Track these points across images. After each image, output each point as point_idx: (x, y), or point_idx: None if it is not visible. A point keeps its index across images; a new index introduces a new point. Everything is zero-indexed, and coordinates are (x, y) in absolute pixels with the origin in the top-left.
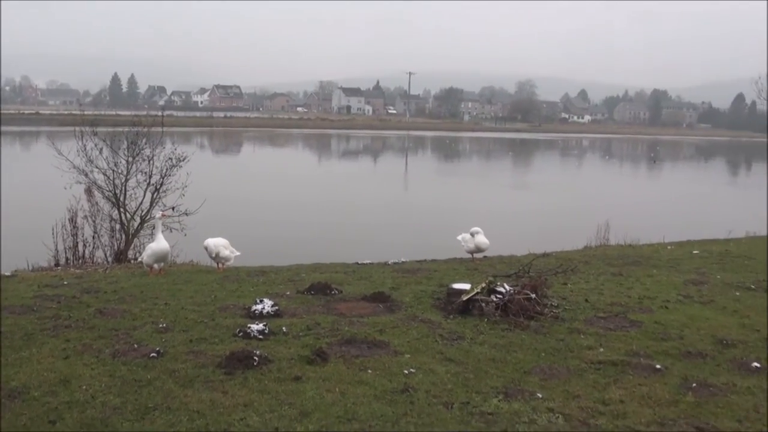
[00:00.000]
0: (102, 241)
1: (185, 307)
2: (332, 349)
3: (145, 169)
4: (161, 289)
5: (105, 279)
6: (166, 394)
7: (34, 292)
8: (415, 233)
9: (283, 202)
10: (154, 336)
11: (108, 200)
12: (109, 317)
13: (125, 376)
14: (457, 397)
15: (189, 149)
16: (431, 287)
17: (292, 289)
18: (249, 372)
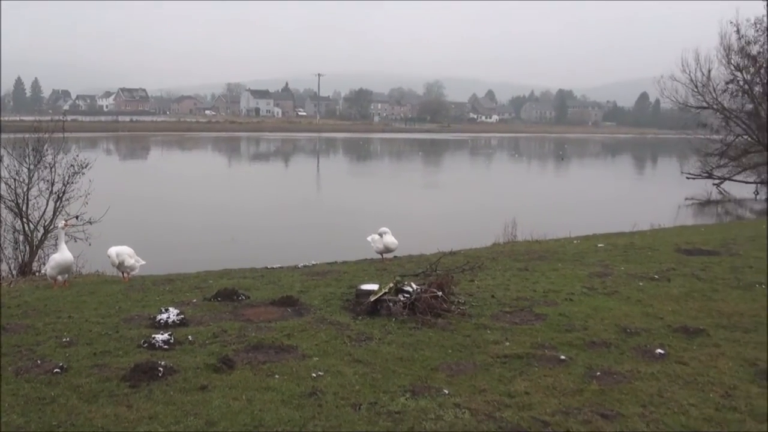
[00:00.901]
0: (5, 254)
1: (89, 320)
2: (239, 356)
3: (48, 177)
4: (65, 302)
5: (8, 293)
6: (70, 410)
7: None
8: (326, 235)
9: (192, 206)
10: (58, 351)
11: (10, 210)
12: (11, 333)
13: (29, 394)
14: (365, 398)
15: (94, 155)
16: (341, 289)
17: (198, 296)
18: (154, 384)
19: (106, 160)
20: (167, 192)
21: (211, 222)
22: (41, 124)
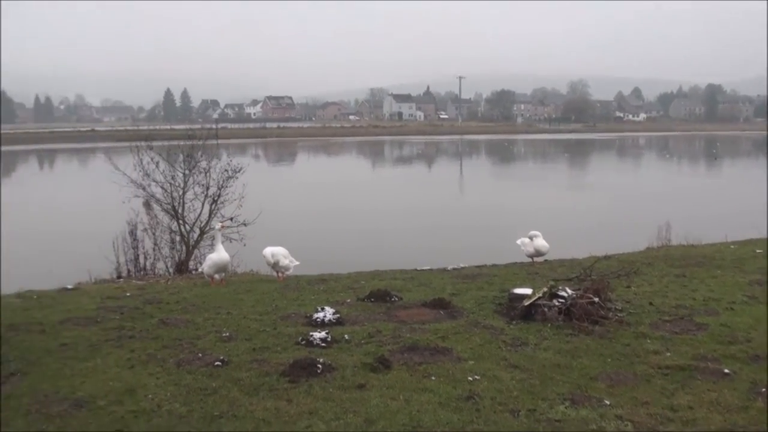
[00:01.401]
0: (162, 253)
1: (247, 317)
2: (395, 356)
3: (202, 181)
4: (223, 299)
5: (167, 290)
6: (231, 402)
7: (97, 304)
8: (473, 238)
9: (340, 209)
10: (218, 345)
11: (167, 213)
12: (172, 327)
13: (190, 385)
14: (524, 404)
15: (244, 160)
16: (492, 293)
17: (352, 296)
18: (313, 380)
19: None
20: (314, 194)
21: (359, 224)
22: (195, 132)
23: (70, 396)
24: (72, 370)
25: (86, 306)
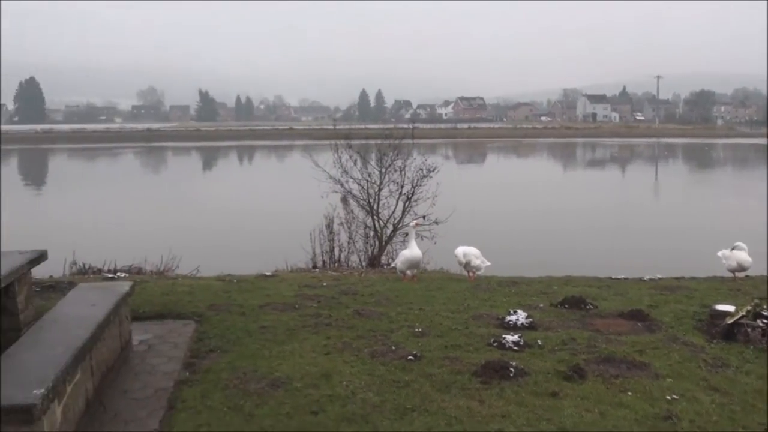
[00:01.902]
0: (356, 247)
1: (439, 314)
2: (589, 366)
3: (397, 180)
4: (415, 295)
5: (361, 282)
6: (423, 396)
7: (294, 292)
8: (670, 247)
9: (530, 210)
10: (411, 339)
11: (362, 208)
12: (366, 318)
13: (384, 376)
14: (723, 430)
15: (435, 160)
16: (692, 307)
17: (545, 301)
18: (505, 383)
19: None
20: (504, 195)
21: (549, 225)
22: (392, 131)
23: (268, 375)
24: (270, 352)
25: (284, 292)
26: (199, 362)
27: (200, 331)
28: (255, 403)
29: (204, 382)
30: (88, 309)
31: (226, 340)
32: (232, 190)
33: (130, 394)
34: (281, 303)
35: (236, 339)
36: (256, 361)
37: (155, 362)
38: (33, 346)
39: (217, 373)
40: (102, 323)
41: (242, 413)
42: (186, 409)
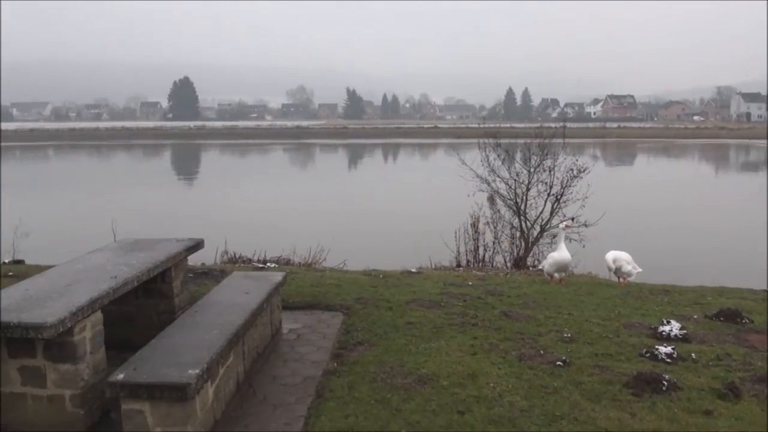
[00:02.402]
0: (502, 247)
1: (589, 320)
2: (744, 385)
3: (546, 180)
4: (563, 299)
5: (507, 283)
6: (572, 405)
7: (440, 289)
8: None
9: (680, 215)
10: (559, 345)
11: (509, 208)
12: (513, 320)
13: (531, 380)
14: None
15: (583, 160)
16: None
17: (698, 312)
18: (657, 396)
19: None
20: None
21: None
22: (542, 130)
23: (415, 372)
24: (417, 348)
25: (430, 290)
26: (347, 354)
27: (348, 324)
28: (402, 397)
29: (351, 373)
30: (242, 296)
31: (373, 334)
32: (376, 187)
33: (279, 380)
34: (427, 300)
35: (383, 333)
36: (402, 357)
37: (304, 351)
38: (188, 328)
39: (364, 365)
40: (255, 310)
41: (389, 407)
42: (334, 399)
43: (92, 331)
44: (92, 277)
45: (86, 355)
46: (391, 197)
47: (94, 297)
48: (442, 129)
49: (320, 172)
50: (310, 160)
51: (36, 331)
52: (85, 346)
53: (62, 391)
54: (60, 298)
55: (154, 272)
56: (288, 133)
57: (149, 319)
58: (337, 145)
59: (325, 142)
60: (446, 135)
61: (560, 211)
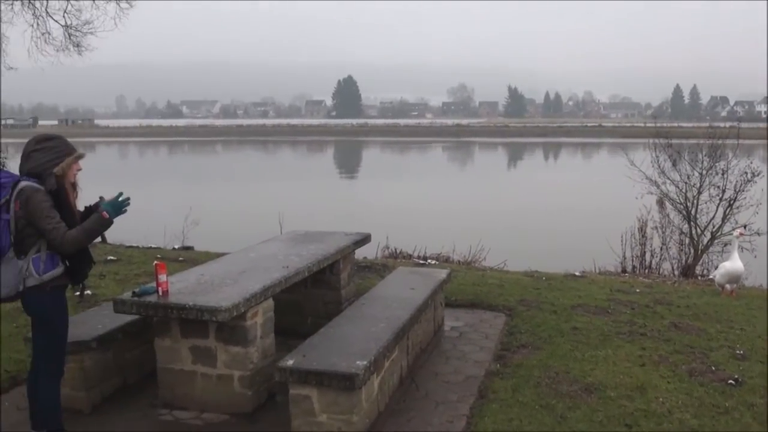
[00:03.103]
0: (669, 254)
1: (761, 336)
2: None
3: (718, 183)
4: (735, 312)
5: (675, 292)
6: (744, 427)
7: (606, 295)
8: None
9: None
10: (731, 362)
11: (679, 213)
12: (683, 332)
13: (702, 398)
14: None
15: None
16: None
17: None
18: None
19: None
20: None
21: None
22: (715, 131)
23: (581, 379)
24: (582, 355)
25: (596, 295)
26: (510, 356)
27: (511, 325)
28: (567, 405)
29: (515, 376)
30: (407, 291)
31: (537, 337)
32: (536, 186)
33: (441, 377)
34: (593, 306)
35: (548, 337)
36: (568, 363)
37: (466, 350)
38: (356, 320)
39: (528, 369)
40: (421, 306)
41: (554, 414)
42: (497, 401)
43: (263, 317)
44: (265, 265)
45: (256, 339)
46: (552, 197)
47: (266, 285)
48: (606, 128)
49: (479, 170)
50: (469, 158)
51: (211, 314)
52: (256, 330)
53: (231, 371)
54: (234, 284)
55: (324, 264)
56: (448, 131)
57: (316, 308)
58: (496, 143)
59: (484, 141)
60: (611, 134)
61: (732, 217)
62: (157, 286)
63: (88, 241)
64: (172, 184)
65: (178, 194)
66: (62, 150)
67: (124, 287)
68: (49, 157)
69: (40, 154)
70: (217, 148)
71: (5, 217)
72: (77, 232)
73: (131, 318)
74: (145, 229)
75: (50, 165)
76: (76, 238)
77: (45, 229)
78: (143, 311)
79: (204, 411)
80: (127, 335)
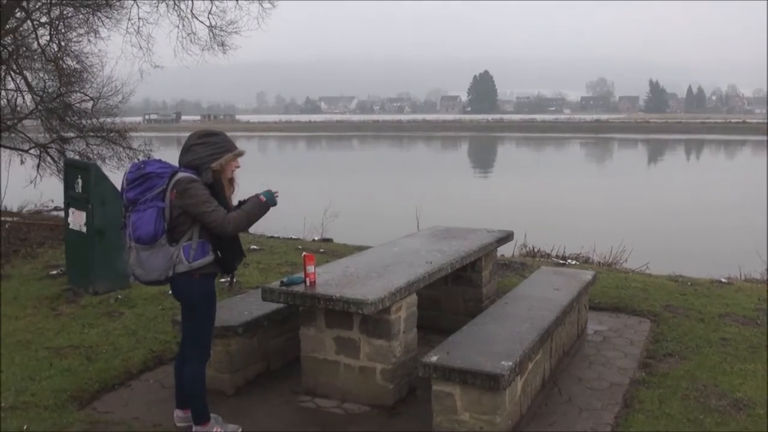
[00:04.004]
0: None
1: None
2: None
3: None
4: None
5: None
6: None
7: (754, 305)
8: None
9: None
10: None
11: None
12: None
13: None
14: None
15: None
16: None
17: None
18: None
19: None
20: None
21: None
22: None
23: (730, 394)
24: (731, 368)
25: (744, 304)
26: (656, 364)
27: (656, 332)
28: (716, 421)
29: (661, 386)
30: (551, 292)
31: (684, 346)
32: (677, 186)
33: (584, 382)
34: (741, 315)
35: (695, 347)
36: (716, 376)
37: (610, 355)
38: (500, 319)
39: (675, 379)
40: (566, 308)
41: (702, 429)
42: (643, 411)
43: (407, 311)
44: (408, 260)
45: (400, 333)
46: (693, 197)
47: (411, 280)
48: (750, 124)
49: (618, 168)
50: (607, 155)
51: (357, 307)
52: (400, 325)
53: (374, 364)
54: (379, 278)
55: (467, 261)
56: (586, 126)
57: (456, 305)
58: (636, 140)
59: (624, 137)
60: (755, 131)
61: None
62: (305, 276)
63: (247, 224)
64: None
65: (316, 187)
66: (222, 146)
67: (266, 276)
68: (208, 152)
69: (201, 148)
70: (353, 143)
71: (160, 205)
72: (237, 213)
73: (277, 306)
74: (285, 220)
75: (209, 159)
76: (237, 219)
77: (205, 212)
78: (290, 300)
79: (345, 401)
80: (272, 323)
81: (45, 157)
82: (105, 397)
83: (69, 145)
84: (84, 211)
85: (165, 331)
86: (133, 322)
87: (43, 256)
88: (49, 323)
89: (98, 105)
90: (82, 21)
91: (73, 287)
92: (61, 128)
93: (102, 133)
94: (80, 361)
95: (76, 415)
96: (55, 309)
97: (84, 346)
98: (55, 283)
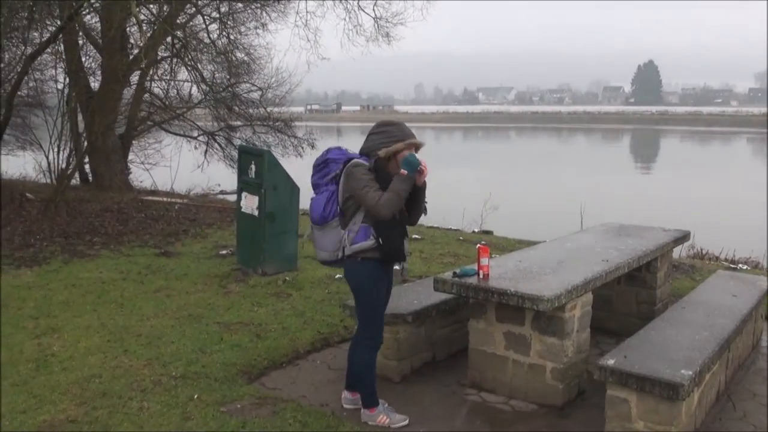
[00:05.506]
0: None
1: None
2: None
3: None
4: None
5: None
6: None
7: None
8: None
9: None
10: None
11: None
12: None
13: None
14: None
15: None
16: None
17: None
18: None
19: None
20: None
21: None
22: None
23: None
24: None
25: None
26: None
27: None
28: None
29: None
30: (729, 298)
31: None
32: None
33: (759, 398)
34: None
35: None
36: None
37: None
38: (677, 324)
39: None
40: (745, 316)
41: None
42: None
43: (582, 310)
44: (583, 257)
45: (573, 332)
46: None
47: (588, 278)
48: None
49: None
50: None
51: (532, 302)
52: (574, 323)
53: (544, 362)
54: (553, 274)
55: (643, 260)
56: (754, 120)
57: (627, 306)
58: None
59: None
60: None
61: None
62: (479, 268)
63: (399, 201)
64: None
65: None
66: (395, 135)
67: (429, 266)
68: (381, 140)
69: (376, 137)
70: (510, 134)
71: (332, 188)
72: (387, 193)
73: (445, 296)
74: (444, 210)
75: (379, 147)
76: (389, 199)
77: (362, 194)
78: (463, 292)
79: (512, 397)
80: (440, 313)
81: (213, 144)
82: (273, 373)
83: (236, 132)
84: (256, 196)
85: (332, 314)
86: (301, 304)
87: (212, 236)
88: (219, 300)
89: (266, 95)
90: (250, 15)
91: (243, 267)
92: (228, 117)
93: (269, 122)
94: (249, 337)
95: (245, 389)
96: (225, 287)
97: (253, 324)
98: (225, 262)
